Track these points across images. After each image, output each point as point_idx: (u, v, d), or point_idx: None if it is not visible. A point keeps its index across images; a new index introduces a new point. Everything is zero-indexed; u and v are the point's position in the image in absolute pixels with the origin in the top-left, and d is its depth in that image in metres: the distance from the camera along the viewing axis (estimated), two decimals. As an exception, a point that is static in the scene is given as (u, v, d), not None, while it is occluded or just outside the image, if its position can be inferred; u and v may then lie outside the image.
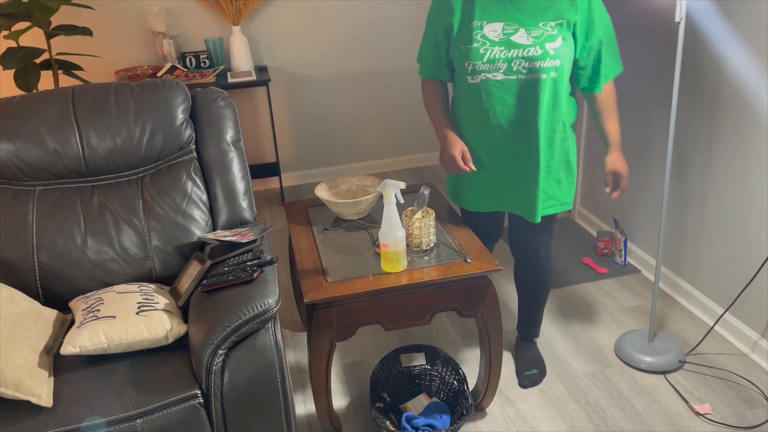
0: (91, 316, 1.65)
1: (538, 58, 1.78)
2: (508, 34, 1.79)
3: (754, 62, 2.09)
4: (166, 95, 2.03)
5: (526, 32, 1.78)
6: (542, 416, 2.10)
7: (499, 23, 1.79)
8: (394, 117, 4.01)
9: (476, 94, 1.87)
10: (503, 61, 1.80)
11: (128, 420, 1.49)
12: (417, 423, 1.95)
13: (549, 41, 1.77)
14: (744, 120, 2.18)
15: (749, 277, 2.26)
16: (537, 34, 1.77)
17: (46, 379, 1.54)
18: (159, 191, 2.00)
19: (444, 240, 2.00)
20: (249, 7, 3.45)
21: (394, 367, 2.16)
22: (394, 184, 1.79)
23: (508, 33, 1.79)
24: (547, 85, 1.81)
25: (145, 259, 1.94)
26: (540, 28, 1.78)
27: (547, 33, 1.78)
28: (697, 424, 2.04)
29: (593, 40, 1.83)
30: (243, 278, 1.68)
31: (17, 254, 1.87)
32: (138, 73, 3.35)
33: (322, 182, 2.23)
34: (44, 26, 2.86)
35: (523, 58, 1.78)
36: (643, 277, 2.82)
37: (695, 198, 2.47)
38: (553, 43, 1.77)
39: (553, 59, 1.78)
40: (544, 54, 1.77)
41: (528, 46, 1.78)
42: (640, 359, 2.28)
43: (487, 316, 1.91)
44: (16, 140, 1.90)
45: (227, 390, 1.55)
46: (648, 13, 2.56)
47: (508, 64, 1.80)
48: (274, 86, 3.73)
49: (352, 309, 1.80)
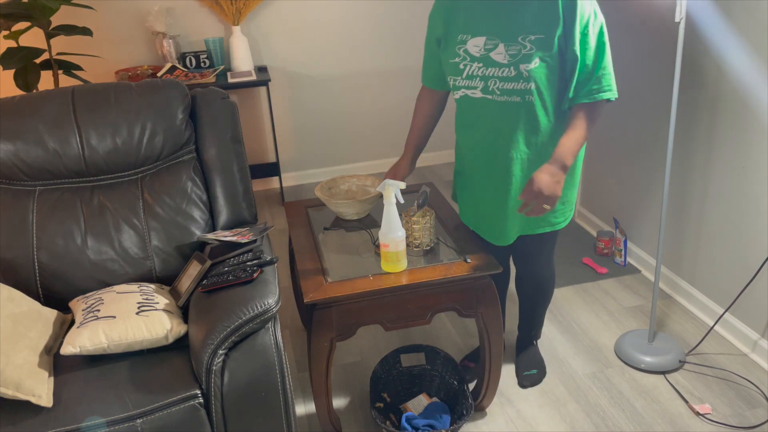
0: (91, 316, 1.65)
1: (510, 80, 1.69)
2: (489, 49, 1.70)
3: (754, 62, 2.09)
4: (166, 95, 2.03)
5: (505, 48, 1.68)
6: (542, 416, 2.10)
7: (482, 38, 1.71)
8: (393, 117, 4.01)
9: (459, 108, 1.87)
10: (480, 79, 1.74)
11: (128, 420, 1.49)
12: (417, 423, 1.95)
13: (524, 62, 1.67)
14: (744, 120, 2.18)
15: (749, 277, 2.26)
16: (514, 51, 1.68)
17: (46, 379, 1.54)
18: (159, 191, 2.00)
19: (444, 240, 2.00)
20: (249, 7, 3.45)
21: (394, 367, 2.16)
22: (394, 184, 1.79)
23: (488, 48, 1.70)
24: (522, 110, 1.73)
25: (145, 259, 1.94)
26: (518, 44, 1.67)
27: (524, 51, 1.67)
28: (697, 424, 2.04)
29: (570, 53, 1.68)
30: (243, 278, 1.68)
31: (17, 254, 1.87)
32: (138, 73, 3.35)
33: (322, 182, 2.23)
34: (44, 26, 2.86)
35: (497, 78, 1.71)
36: (643, 277, 2.82)
37: (695, 198, 2.47)
38: (528, 64, 1.66)
39: (526, 82, 1.68)
40: (517, 76, 1.68)
41: (503, 66, 1.69)
42: (640, 359, 2.28)
43: (487, 316, 1.91)
44: (16, 140, 1.90)
45: (227, 390, 1.55)
46: (648, 13, 2.56)
47: (484, 82, 1.73)
48: (274, 86, 3.73)
49: (352, 309, 1.80)
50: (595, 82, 1.71)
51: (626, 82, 2.76)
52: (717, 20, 2.22)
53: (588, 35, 1.67)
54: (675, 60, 2.03)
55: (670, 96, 2.09)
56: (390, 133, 4.06)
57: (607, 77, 1.72)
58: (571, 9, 1.64)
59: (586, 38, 1.67)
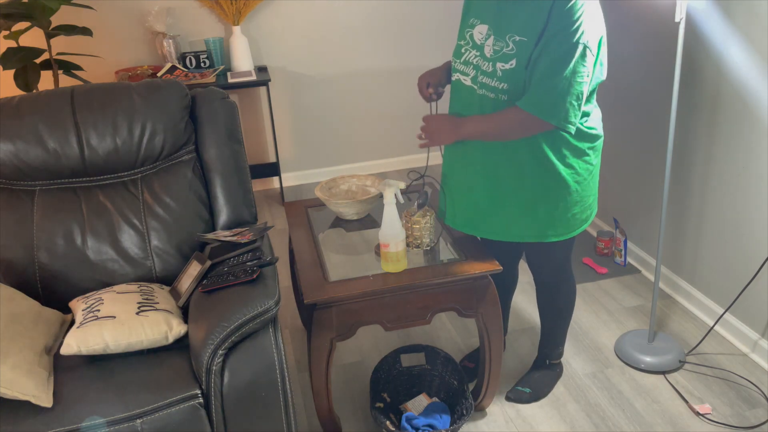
0: (91, 316, 1.65)
1: (488, 75, 1.68)
2: (485, 40, 1.70)
3: (754, 62, 2.09)
4: (166, 95, 2.03)
5: (493, 42, 1.67)
6: (542, 416, 2.10)
7: (485, 26, 1.71)
8: (394, 117, 4.01)
9: (451, 93, 1.86)
10: (473, 67, 1.73)
11: (128, 420, 1.49)
12: (417, 423, 1.95)
13: (501, 60, 1.64)
14: (744, 120, 2.18)
15: (749, 277, 2.26)
16: (498, 47, 1.66)
17: (46, 379, 1.54)
18: (159, 191, 2.00)
19: (444, 240, 2.00)
20: (249, 7, 3.45)
21: (394, 367, 2.16)
22: (394, 184, 1.79)
23: (485, 39, 1.69)
24: (499, 105, 1.69)
25: (145, 259, 1.94)
26: (504, 41, 1.64)
27: (505, 50, 1.64)
28: (697, 424, 2.04)
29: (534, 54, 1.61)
30: (243, 278, 1.68)
31: (17, 254, 1.87)
32: (138, 73, 3.35)
33: (322, 182, 2.23)
34: (44, 26, 2.86)
35: (481, 71, 1.70)
36: (643, 277, 2.82)
37: (695, 198, 2.47)
38: (504, 65, 1.64)
39: (500, 81, 1.66)
40: (492, 73, 1.67)
41: (486, 60, 1.68)
42: (640, 359, 2.28)
43: (487, 316, 1.91)
44: (16, 140, 1.90)
45: (227, 390, 1.55)
46: (648, 13, 2.56)
47: (475, 72, 1.72)
48: (274, 86, 3.73)
49: (352, 309, 1.80)
50: (530, 90, 1.63)
51: (626, 82, 2.76)
52: (717, 20, 2.22)
53: (556, 41, 1.57)
54: (675, 60, 2.02)
55: (670, 96, 2.09)
56: (390, 133, 4.06)
57: (543, 95, 1.61)
58: (558, 16, 1.57)
59: (552, 43, 1.58)
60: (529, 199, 1.80)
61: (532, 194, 1.79)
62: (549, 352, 2.21)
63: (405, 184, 1.82)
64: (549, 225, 1.84)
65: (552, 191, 1.79)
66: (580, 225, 1.88)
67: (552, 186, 1.78)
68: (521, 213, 1.82)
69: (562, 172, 1.76)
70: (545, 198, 1.80)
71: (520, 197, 1.80)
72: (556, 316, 2.13)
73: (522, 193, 1.80)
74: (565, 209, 1.82)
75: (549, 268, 2.02)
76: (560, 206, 1.81)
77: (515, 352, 2.39)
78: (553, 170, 1.76)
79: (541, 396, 2.17)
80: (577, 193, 1.81)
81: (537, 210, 1.81)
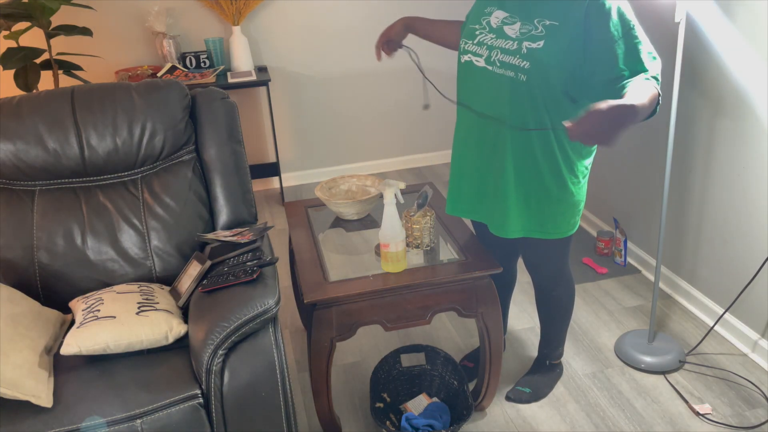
0: (91, 316, 1.65)
1: (510, 52, 1.68)
2: (506, 23, 1.71)
3: (754, 62, 2.09)
4: (166, 95, 2.03)
5: (520, 26, 1.69)
6: (542, 416, 2.10)
7: (504, 13, 1.73)
8: (394, 117, 4.01)
9: (460, 76, 1.85)
10: (487, 47, 1.73)
11: (128, 420, 1.49)
12: (417, 423, 1.95)
13: (529, 40, 1.65)
14: (744, 120, 2.18)
15: (749, 277, 2.26)
16: (525, 30, 1.68)
17: (46, 379, 1.54)
18: (159, 191, 2.00)
19: (444, 240, 2.00)
20: (249, 7, 3.45)
21: (394, 367, 2.16)
22: (394, 184, 1.79)
23: (506, 23, 1.71)
24: (511, 86, 1.69)
25: (145, 259, 1.94)
26: (532, 25, 1.68)
27: (533, 32, 1.66)
28: (697, 424, 2.04)
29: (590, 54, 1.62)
30: (243, 278, 1.68)
31: (17, 254, 1.87)
32: (138, 73, 3.35)
33: (322, 182, 2.23)
34: (44, 26, 2.86)
35: (500, 49, 1.70)
36: (643, 277, 2.82)
37: (695, 198, 2.47)
38: (532, 44, 1.64)
39: (522, 59, 1.65)
40: (516, 50, 1.67)
41: (509, 39, 1.69)
42: (640, 359, 2.28)
43: (487, 316, 1.91)
44: (16, 140, 1.90)
45: (227, 390, 1.55)
46: (648, 13, 2.56)
47: (489, 52, 1.73)
48: (274, 86, 3.73)
49: (352, 309, 1.80)
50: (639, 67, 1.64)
51: (626, 82, 2.75)
52: (717, 20, 2.22)
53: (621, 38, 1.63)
54: (675, 60, 2.02)
55: (670, 96, 2.09)
56: (390, 133, 4.06)
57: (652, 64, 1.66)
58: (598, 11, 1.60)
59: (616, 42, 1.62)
60: (529, 192, 1.80)
61: (533, 186, 1.79)
62: (549, 353, 2.22)
63: (405, 184, 1.82)
64: (548, 220, 1.84)
65: (553, 187, 1.80)
66: (573, 227, 1.88)
67: (553, 182, 1.79)
68: (520, 204, 1.81)
69: (564, 170, 1.78)
70: (545, 193, 1.80)
71: (521, 189, 1.80)
72: (556, 318, 2.13)
73: (523, 186, 1.79)
74: (565, 209, 1.83)
75: (547, 271, 2.02)
76: (560, 205, 1.82)
77: (515, 352, 2.39)
78: (556, 166, 1.77)
79: (541, 396, 2.17)
80: (571, 190, 1.82)
81: (532, 203, 1.81)
